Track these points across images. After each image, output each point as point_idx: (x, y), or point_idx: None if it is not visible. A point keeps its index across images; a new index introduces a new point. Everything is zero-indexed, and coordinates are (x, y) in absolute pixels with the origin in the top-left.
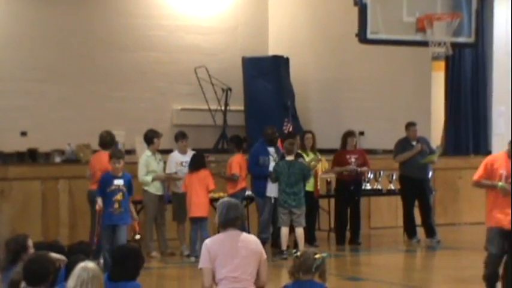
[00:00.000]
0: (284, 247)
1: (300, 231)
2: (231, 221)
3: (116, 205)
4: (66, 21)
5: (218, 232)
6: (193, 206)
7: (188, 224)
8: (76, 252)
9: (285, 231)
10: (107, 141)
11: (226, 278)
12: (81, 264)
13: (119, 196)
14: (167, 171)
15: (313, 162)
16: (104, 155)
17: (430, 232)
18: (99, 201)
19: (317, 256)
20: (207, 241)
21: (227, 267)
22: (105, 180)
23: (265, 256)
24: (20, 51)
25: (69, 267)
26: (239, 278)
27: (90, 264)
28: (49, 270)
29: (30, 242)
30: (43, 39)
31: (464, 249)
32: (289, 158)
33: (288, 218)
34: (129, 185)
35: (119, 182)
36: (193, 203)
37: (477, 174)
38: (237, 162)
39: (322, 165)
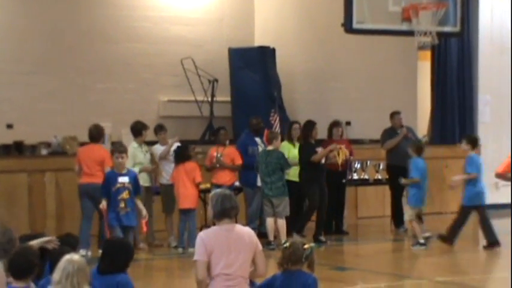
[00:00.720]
0: (271, 238)
1: (280, 222)
2: (227, 211)
3: (122, 204)
4: (51, 13)
5: (212, 224)
6: (182, 198)
7: (176, 216)
8: (63, 245)
9: (270, 221)
10: (95, 134)
11: (220, 276)
12: (67, 257)
13: (124, 194)
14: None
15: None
16: (94, 147)
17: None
18: (103, 202)
19: (306, 246)
20: (203, 234)
21: (222, 263)
22: (109, 178)
23: (260, 247)
24: (5, 44)
25: (55, 260)
26: (233, 275)
27: (75, 256)
28: (34, 263)
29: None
30: (28, 31)
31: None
32: (270, 147)
33: (270, 208)
34: (135, 182)
35: (123, 180)
36: (181, 195)
37: (501, 168)
38: (236, 153)
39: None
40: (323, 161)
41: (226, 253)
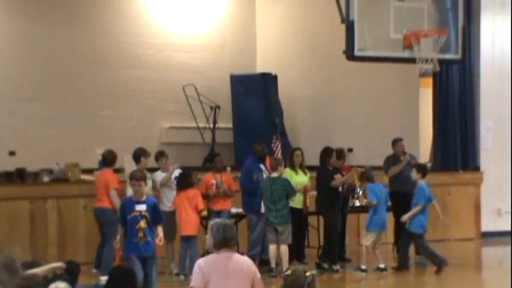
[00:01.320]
0: (273, 265)
1: (283, 249)
2: (227, 240)
3: (141, 234)
4: (54, 40)
5: (207, 253)
6: (184, 225)
7: (177, 243)
8: (65, 272)
9: (272, 248)
10: (108, 158)
11: None
12: (52, 286)
13: (142, 223)
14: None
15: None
16: (102, 171)
17: None
18: (120, 231)
19: (307, 274)
20: (201, 261)
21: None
22: (125, 206)
23: (259, 276)
24: (7, 70)
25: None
26: None
27: (61, 285)
28: None
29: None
30: (31, 57)
31: (453, 265)
32: (274, 174)
33: (274, 236)
34: (154, 210)
35: (140, 208)
36: (183, 222)
37: None
38: (231, 179)
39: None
40: (340, 188)
41: (224, 281)
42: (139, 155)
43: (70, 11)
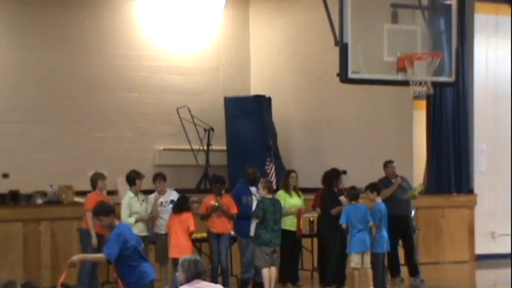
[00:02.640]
0: (268, 284)
1: (275, 271)
2: (200, 274)
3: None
4: (48, 62)
5: None
6: (173, 248)
7: (171, 265)
8: None
9: (267, 272)
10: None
11: None
12: None
13: None
14: (148, 212)
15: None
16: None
17: (414, 271)
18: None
19: None
20: None
21: None
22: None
23: None
24: (0, 92)
25: None
26: None
27: None
28: None
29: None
30: (25, 79)
31: None
32: (270, 196)
33: (270, 258)
34: None
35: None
36: (172, 244)
37: None
38: (231, 201)
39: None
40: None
41: None
42: (133, 177)
43: (64, 33)
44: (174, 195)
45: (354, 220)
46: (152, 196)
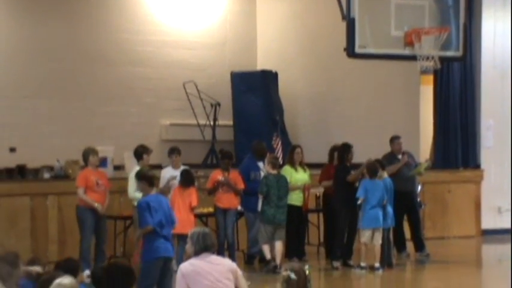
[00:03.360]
0: (269, 256)
1: (281, 245)
2: (208, 247)
3: None
4: (54, 37)
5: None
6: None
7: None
8: (63, 269)
9: (267, 248)
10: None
11: None
12: (57, 280)
13: None
14: (160, 186)
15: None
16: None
17: (419, 246)
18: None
19: (308, 272)
20: (182, 267)
21: None
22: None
23: (240, 272)
24: (7, 67)
25: (42, 285)
26: None
27: (65, 280)
28: None
29: (21, 264)
30: (31, 54)
31: (453, 263)
32: (274, 171)
33: (271, 234)
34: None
35: None
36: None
37: None
38: (239, 177)
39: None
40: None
41: (206, 282)
42: (141, 152)
43: (70, 8)
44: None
45: (370, 195)
46: (166, 170)
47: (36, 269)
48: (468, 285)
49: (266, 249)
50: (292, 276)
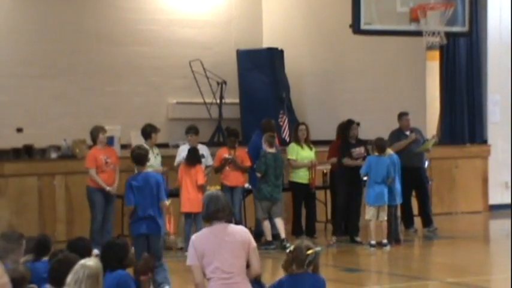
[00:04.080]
0: (270, 238)
1: (281, 221)
2: (213, 213)
3: None
4: (60, 17)
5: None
6: (184, 202)
7: (182, 219)
8: (76, 248)
9: (267, 223)
10: (148, 131)
11: (216, 274)
12: (81, 261)
13: None
14: (176, 163)
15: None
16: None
17: (427, 221)
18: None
19: (309, 252)
20: (193, 237)
21: (215, 263)
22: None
23: (254, 244)
24: (14, 47)
25: (54, 262)
26: (228, 272)
27: (89, 262)
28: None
29: (24, 243)
30: (36, 34)
31: (460, 238)
32: (271, 150)
33: (269, 209)
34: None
35: None
36: (183, 198)
37: None
38: (245, 155)
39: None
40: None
41: (217, 253)
42: (149, 131)
43: None
44: (204, 150)
45: (374, 172)
46: (183, 148)
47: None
48: (476, 261)
49: (267, 226)
50: (290, 249)
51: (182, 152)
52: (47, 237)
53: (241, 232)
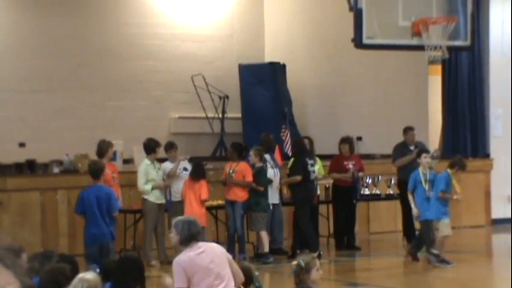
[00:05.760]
0: (268, 249)
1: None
2: (194, 235)
3: None
4: (63, 31)
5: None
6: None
7: None
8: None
9: (265, 234)
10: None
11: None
12: (80, 275)
13: None
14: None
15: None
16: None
17: None
18: None
19: (293, 263)
20: (178, 260)
21: (207, 279)
22: None
23: (230, 256)
24: (16, 62)
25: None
26: (222, 281)
27: (88, 275)
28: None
29: (25, 257)
30: (40, 49)
31: (463, 253)
32: (260, 164)
33: (265, 223)
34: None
35: None
36: (186, 213)
37: None
38: (248, 169)
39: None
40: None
41: (206, 271)
42: (153, 146)
43: (79, 2)
44: (186, 163)
45: (450, 188)
46: (170, 165)
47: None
48: (479, 275)
49: (266, 237)
50: (301, 261)
51: (166, 168)
52: (50, 252)
53: (217, 246)
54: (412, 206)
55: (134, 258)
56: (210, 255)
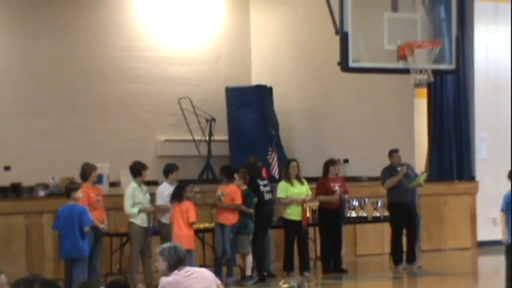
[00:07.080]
0: (250, 272)
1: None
2: (182, 260)
3: None
4: (49, 54)
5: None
6: (175, 239)
7: None
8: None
9: (250, 257)
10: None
11: None
12: None
13: None
14: (158, 202)
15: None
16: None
17: (412, 258)
18: None
19: (283, 286)
20: (165, 283)
21: None
22: None
23: (219, 280)
24: (1, 85)
25: None
26: None
27: None
28: None
29: (4, 279)
30: (25, 72)
31: (449, 275)
32: (245, 187)
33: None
34: None
35: None
36: (175, 236)
37: None
38: (237, 192)
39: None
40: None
41: None
42: (139, 169)
43: (64, 25)
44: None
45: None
46: (167, 186)
47: None
48: None
49: (250, 259)
50: (293, 284)
51: (164, 190)
52: (35, 276)
53: (205, 269)
54: (502, 226)
55: (122, 284)
56: (199, 278)
